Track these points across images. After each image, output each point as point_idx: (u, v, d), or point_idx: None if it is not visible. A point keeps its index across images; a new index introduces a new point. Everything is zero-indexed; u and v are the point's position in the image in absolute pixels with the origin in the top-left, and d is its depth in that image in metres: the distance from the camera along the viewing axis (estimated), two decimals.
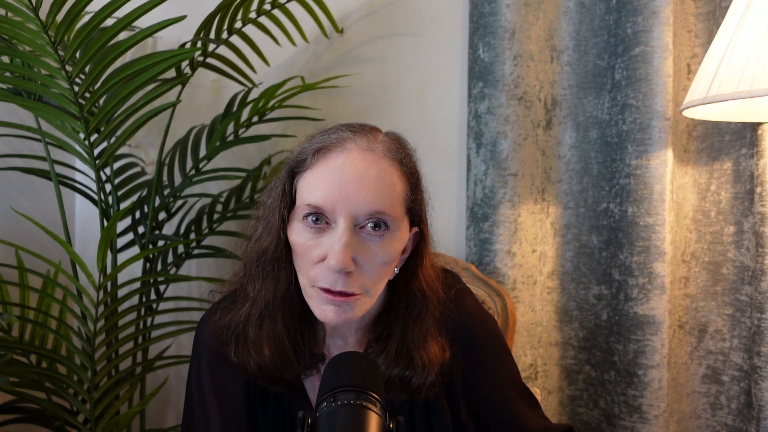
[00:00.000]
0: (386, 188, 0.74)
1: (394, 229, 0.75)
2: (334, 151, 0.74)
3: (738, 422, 1.21)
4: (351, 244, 0.72)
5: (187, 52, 1.20)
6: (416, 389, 0.80)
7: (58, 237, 1.23)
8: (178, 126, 1.62)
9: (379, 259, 0.75)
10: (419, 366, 0.79)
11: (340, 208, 0.72)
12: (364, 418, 0.58)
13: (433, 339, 0.81)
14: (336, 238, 0.72)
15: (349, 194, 0.72)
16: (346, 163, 0.73)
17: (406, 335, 0.81)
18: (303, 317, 0.82)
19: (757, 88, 0.89)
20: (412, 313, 0.81)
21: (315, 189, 0.73)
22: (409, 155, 0.80)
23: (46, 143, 1.35)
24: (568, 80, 1.37)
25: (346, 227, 0.72)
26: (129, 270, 1.58)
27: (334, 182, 0.72)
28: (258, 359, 0.80)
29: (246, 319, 0.81)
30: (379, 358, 0.81)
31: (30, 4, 1.11)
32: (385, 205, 0.73)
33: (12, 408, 1.39)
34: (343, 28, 1.58)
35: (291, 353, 0.80)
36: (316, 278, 0.74)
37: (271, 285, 0.79)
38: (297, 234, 0.76)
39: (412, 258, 0.83)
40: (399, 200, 0.76)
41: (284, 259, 0.79)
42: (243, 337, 0.81)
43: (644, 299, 1.21)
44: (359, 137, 0.76)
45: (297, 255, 0.77)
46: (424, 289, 0.82)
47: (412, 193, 0.79)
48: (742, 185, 1.21)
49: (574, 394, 1.38)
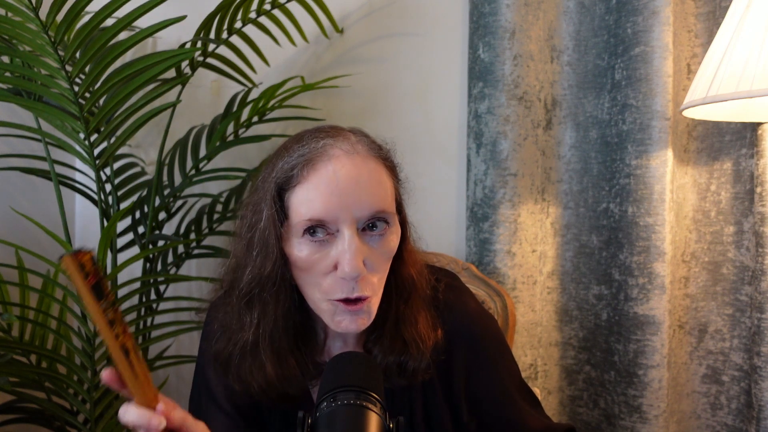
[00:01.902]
0: (381, 187, 0.75)
1: (392, 224, 0.76)
2: (321, 161, 0.73)
3: (738, 422, 1.21)
4: (360, 249, 0.72)
5: (187, 52, 1.20)
6: (413, 373, 0.81)
7: (58, 237, 1.23)
8: (178, 126, 1.62)
9: (384, 256, 0.76)
10: (414, 349, 0.80)
11: (342, 217, 0.72)
12: (364, 418, 0.58)
13: (423, 319, 0.82)
14: (345, 246, 0.71)
15: (349, 201, 0.72)
16: (338, 171, 0.72)
17: (398, 319, 0.81)
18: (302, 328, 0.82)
19: (757, 88, 0.89)
20: (402, 296, 0.82)
21: (312, 202, 0.72)
22: (384, 148, 0.80)
23: (46, 143, 1.35)
24: (568, 80, 1.37)
25: (353, 233, 0.72)
26: (129, 270, 1.58)
27: (331, 192, 0.72)
28: (261, 380, 0.79)
29: (250, 344, 0.79)
30: (375, 348, 0.81)
31: (30, 4, 1.11)
32: (383, 203, 0.74)
33: (12, 408, 1.39)
34: (343, 28, 1.58)
35: (295, 366, 0.80)
36: (330, 290, 0.74)
37: (272, 307, 0.78)
38: (299, 250, 0.74)
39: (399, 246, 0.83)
40: (391, 195, 0.77)
41: (285, 278, 0.77)
42: (244, 363, 0.80)
43: (644, 299, 1.21)
44: (339, 141, 0.75)
45: (301, 270, 0.75)
46: (410, 271, 0.82)
47: (396, 185, 0.80)
48: (742, 185, 1.21)
49: (574, 394, 1.38)
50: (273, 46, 1.55)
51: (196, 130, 1.58)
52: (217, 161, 1.62)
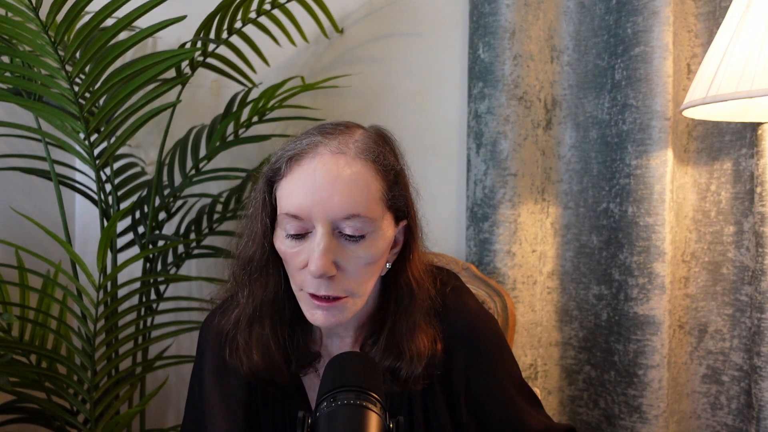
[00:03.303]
0: (359, 190, 0.73)
1: (374, 229, 0.75)
2: (306, 157, 0.74)
3: (738, 422, 1.21)
4: (330, 249, 0.72)
5: (187, 52, 1.20)
6: (405, 380, 0.81)
7: (58, 237, 1.23)
8: (178, 126, 1.62)
9: (362, 261, 0.75)
10: (407, 358, 0.80)
11: (316, 214, 0.72)
12: (364, 418, 0.58)
13: (422, 331, 0.82)
14: (315, 244, 0.72)
15: (323, 199, 0.72)
16: (318, 169, 0.73)
17: (394, 328, 0.82)
18: (297, 319, 0.83)
19: (757, 88, 0.89)
20: (400, 307, 0.82)
21: (291, 197, 0.74)
22: (384, 152, 0.78)
23: (46, 143, 1.35)
24: (568, 80, 1.37)
25: (324, 232, 0.72)
26: (129, 270, 1.59)
27: (308, 189, 0.73)
28: (248, 364, 0.81)
29: (236, 325, 0.83)
30: (371, 351, 0.82)
31: (30, 4, 1.11)
32: (360, 207, 0.73)
33: (12, 408, 1.39)
34: (343, 28, 1.58)
35: (278, 358, 0.81)
36: (302, 283, 0.76)
37: (259, 291, 0.81)
38: (280, 242, 0.77)
39: (402, 252, 0.83)
40: (375, 200, 0.75)
41: (272, 265, 0.80)
42: (235, 343, 0.83)
43: (644, 299, 1.21)
44: (330, 140, 0.75)
45: (284, 262, 0.78)
46: (410, 282, 0.82)
47: (390, 189, 0.77)
48: (742, 185, 1.21)
49: (574, 394, 1.38)
50: (273, 46, 1.55)
51: (196, 130, 1.58)
52: (217, 161, 1.62)
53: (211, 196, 1.56)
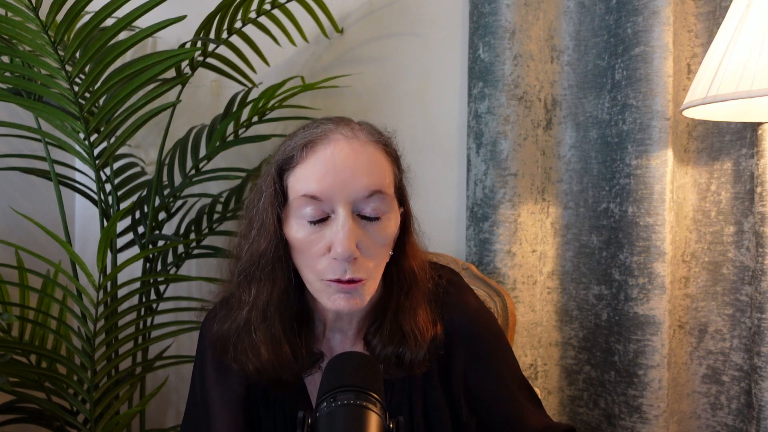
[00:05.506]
0: (378, 167, 0.76)
1: (390, 209, 0.77)
2: (321, 143, 0.75)
3: (738, 422, 1.21)
4: (354, 231, 0.73)
5: (187, 52, 1.20)
6: (410, 364, 0.82)
7: (58, 237, 1.23)
8: (178, 126, 1.62)
9: (380, 242, 0.76)
10: (412, 340, 0.81)
11: (338, 197, 0.73)
12: (364, 418, 0.58)
13: (423, 311, 0.83)
14: (339, 226, 0.73)
15: (345, 180, 0.73)
16: (336, 152, 0.74)
17: (398, 311, 0.82)
18: (300, 315, 0.83)
19: (757, 88, 0.89)
20: (403, 288, 0.83)
21: (309, 179, 0.74)
22: (388, 138, 0.82)
23: (46, 143, 1.36)
24: (568, 80, 1.37)
25: (347, 215, 0.73)
26: (129, 270, 1.58)
27: (327, 172, 0.73)
28: (256, 362, 0.80)
29: (245, 323, 0.81)
30: (374, 339, 0.82)
31: (30, 4, 1.11)
32: (382, 183, 0.75)
33: (12, 408, 1.39)
34: (343, 28, 1.58)
35: (289, 353, 0.80)
36: (323, 271, 0.75)
37: (269, 286, 0.80)
38: (296, 230, 0.76)
39: (400, 237, 0.84)
40: (390, 179, 0.78)
41: (282, 258, 0.79)
42: (241, 342, 0.82)
43: (644, 299, 1.21)
44: (341, 127, 0.78)
45: (298, 251, 0.77)
46: (412, 264, 0.83)
47: (399, 172, 0.81)
48: (742, 185, 1.21)
49: (574, 394, 1.38)
50: (273, 46, 1.55)
51: (196, 130, 1.58)
52: (217, 161, 1.62)
53: (211, 196, 1.56)
